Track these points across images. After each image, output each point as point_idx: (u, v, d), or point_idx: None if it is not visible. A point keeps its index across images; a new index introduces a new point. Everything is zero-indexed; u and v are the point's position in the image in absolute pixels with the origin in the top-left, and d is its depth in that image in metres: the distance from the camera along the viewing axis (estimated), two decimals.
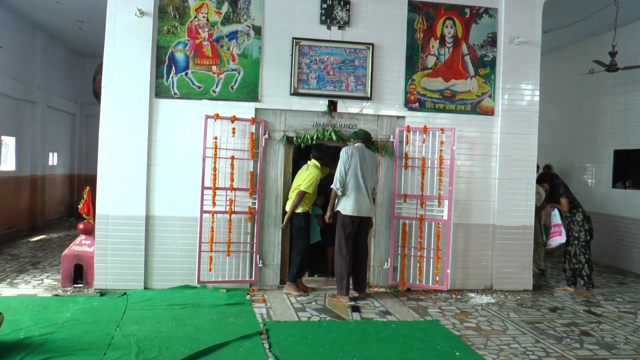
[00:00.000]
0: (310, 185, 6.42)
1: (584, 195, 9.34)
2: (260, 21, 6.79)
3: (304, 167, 6.66)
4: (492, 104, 7.30)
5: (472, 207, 7.24)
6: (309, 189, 6.42)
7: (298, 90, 6.81)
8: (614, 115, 9.70)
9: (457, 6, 7.23)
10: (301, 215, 6.54)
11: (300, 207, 6.51)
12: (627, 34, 9.00)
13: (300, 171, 6.67)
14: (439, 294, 6.89)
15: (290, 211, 6.50)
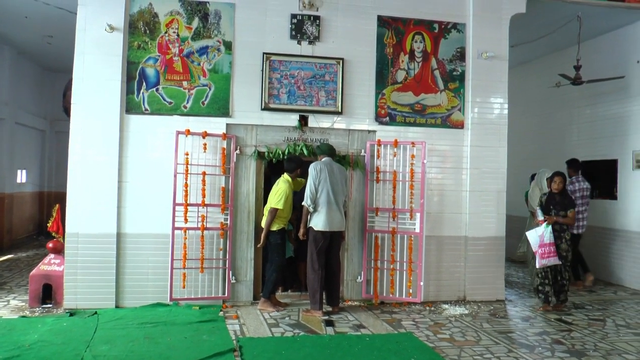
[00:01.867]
0: (280, 201, 6.42)
1: None
2: (231, 36, 6.83)
3: (276, 183, 6.67)
4: (462, 118, 7.43)
5: (444, 220, 7.33)
6: (279, 204, 6.42)
7: (269, 105, 6.85)
8: (581, 127, 9.96)
9: (425, 21, 7.37)
10: (277, 232, 6.54)
11: (275, 224, 6.51)
12: (591, 48, 9.27)
13: (273, 187, 6.67)
14: (413, 306, 6.95)
15: (265, 229, 6.49)
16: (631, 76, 8.67)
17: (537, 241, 6.77)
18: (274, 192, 6.53)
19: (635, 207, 8.47)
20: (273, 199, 6.47)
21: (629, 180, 8.73)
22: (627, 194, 8.70)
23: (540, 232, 6.77)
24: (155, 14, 6.65)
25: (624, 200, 8.75)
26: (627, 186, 8.75)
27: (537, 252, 6.77)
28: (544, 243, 6.72)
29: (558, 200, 6.87)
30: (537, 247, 6.77)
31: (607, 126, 9.28)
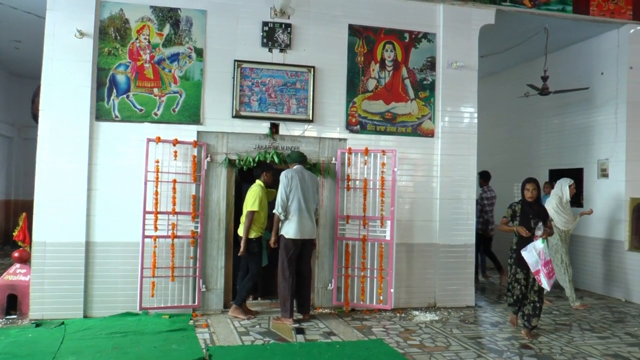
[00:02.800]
0: (255, 203, 6.44)
1: None
2: (202, 43, 6.84)
3: (249, 189, 6.68)
4: (432, 126, 7.55)
5: (414, 227, 7.43)
6: (254, 206, 6.43)
7: (240, 113, 6.87)
8: (549, 137, 10.21)
9: (396, 31, 7.49)
10: (254, 240, 6.55)
11: (252, 232, 6.51)
12: (558, 60, 9.53)
13: (247, 193, 6.69)
14: (383, 313, 7.01)
15: (244, 236, 6.48)
16: (596, 87, 8.94)
17: (537, 260, 5.84)
18: (248, 196, 6.55)
19: (600, 214, 8.69)
20: (248, 202, 6.49)
21: (594, 189, 8.97)
22: (593, 202, 8.92)
23: (539, 249, 5.85)
24: (126, 20, 6.64)
25: (590, 207, 8.96)
26: (593, 194, 8.98)
27: (541, 272, 5.85)
28: (547, 260, 5.85)
29: (536, 209, 6.12)
30: (539, 267, 5.84)
31: (574, 136, 9.54)
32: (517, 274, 6.19)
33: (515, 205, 6.17)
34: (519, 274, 6.17)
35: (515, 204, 6.19)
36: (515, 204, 6.18)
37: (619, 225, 8.47)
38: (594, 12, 8.22)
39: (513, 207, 6.18)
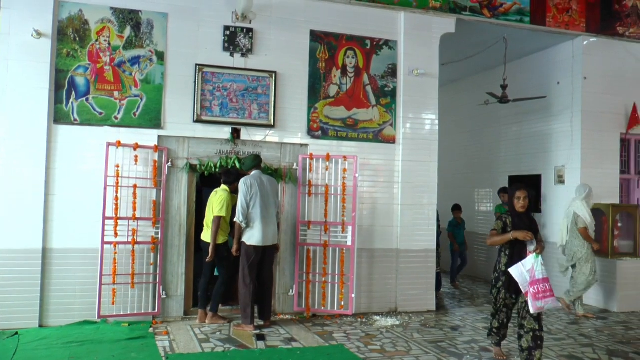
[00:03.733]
0: (222, 208, 6.69)
1: (484, 219, 10.27)
2: (163, 47, 7.06)
3: (213, 193, 6.93)
4: (394, 133, 7.97)
5: (375, 233, 7.82)
6: (222, 212, 6.69)
7: (201, 118, 7.12)
8: (508, 144, 10.84)
9: (358, 37, 7.87)
10: (222, 245, 6.80)
11: (220, 236, 6.76)
12: (516, 69, 10.13)
13: (210, 199, 6.93)
14: (345, 318, 7.34)
15: (212, 241, 6.70)
16: (552, 96, 9.56)
17: (525, 278, 5.22)
18: (215, 202, 6.78)
19: (558, 220, 9.29)
20: (216, 207, 6.72)
21: (551, 195, 9.57)
22: (551, 208, 9.53)
23: (529, 265, 5.23)
24: (85, 21, 6.80)
25: (548, 213, 9.57)
26: (550, 200, 9.58)
27: (529, 293, 5.19)
28: (537, 279, 5.20)
29: (527, 222, 5.52)
30: (526, 286, 5.21)
31: (532, 143, 10.16)
32: (507, 299, 5.57)
33: (506, 217, 5.58)
34: (509, 299, 5.57)
35: (505, 216, 5.60)
36: (506, 216, 5.59)
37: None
38: (550, 23, 8.85)
39: (504, 219, 5.57)
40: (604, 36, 9.23)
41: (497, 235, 5.52)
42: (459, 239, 10.40)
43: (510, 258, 5.48)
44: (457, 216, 10.50)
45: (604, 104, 9.15)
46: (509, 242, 5.49)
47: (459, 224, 10.46)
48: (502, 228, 5.55)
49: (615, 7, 9.35)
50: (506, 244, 5.52)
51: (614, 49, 9.28)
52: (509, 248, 5.53)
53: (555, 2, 8.90)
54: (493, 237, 5.57)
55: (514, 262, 5.36)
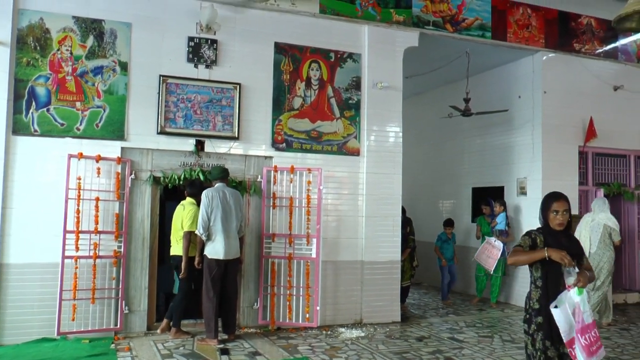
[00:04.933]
0: (193, 223, 6.96)
1: None
2: (127, 57, 7.30)
3: (180, 207, 7.21)
4: (358, 145, 8.42)
5: (340, 245, 8.21)
6: (192, 227, 6.96)
7: (165, 129, 7.38)
8: (471, 156, 11.50)
9: (322, 50, 8.29)
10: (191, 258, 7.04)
11: (191, 250, 7.00)
12: (479, 82, 10.74)
13: (177, 212, 7.20)
14: (310, 330, 7.69)
15: (185, 257, 6.95)
16: (514, 110, 10.23)
17: (570, 323, 3.96)
18: (184, 216, 7.04)
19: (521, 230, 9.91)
20: (186, 222, 6.99)
21: (514, 206, 10.18)
22: (514, 218, 10.12)
23: (574, 304, 3.95)
24: (46, 29, 6.99)
25: (512, 224, 10.17)
26: (513, 211, 10.16)
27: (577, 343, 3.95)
28: (586, 324, 3.96)
29: (565, 242, 4.24)
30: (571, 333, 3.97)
31: (495, 155, 10.80)
32: (548, 349, 4.19)
33: (536, 235, 4.26)
34: (550, 350, 4.18)
35: (536, 233, 4.29)
36: (537, 233, 4.28)
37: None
38: (511, 39, 9.52)
39: (533, 236, 4.26)
40: (561, 52, 9.98)
41: (523, 253, 4.19)
42: (447, 254, 10.42)
43: (544, 291, 4.19)
44: (447, 231, 10.51)
45: (563, 118, 9.87)
46: (539, 268, 4.24)
47: (448, 239, 10.49)
48: (529, 246, 4.23)
49: (572, 25, 10.13)
50: (536, 270, 4.28)
51: (571, 65, 10.04)
52: (541, 277, 4.23)
53: (516, 18, 9.59)
54: (517, 255, 4.19)
55: (551, 297, 4.08)
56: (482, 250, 9.40)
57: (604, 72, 10.38)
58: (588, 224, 8.80)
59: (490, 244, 9.32)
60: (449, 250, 10.46)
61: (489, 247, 9.31)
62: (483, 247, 9.43)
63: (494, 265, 9.21)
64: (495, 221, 9.77)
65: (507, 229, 9.72)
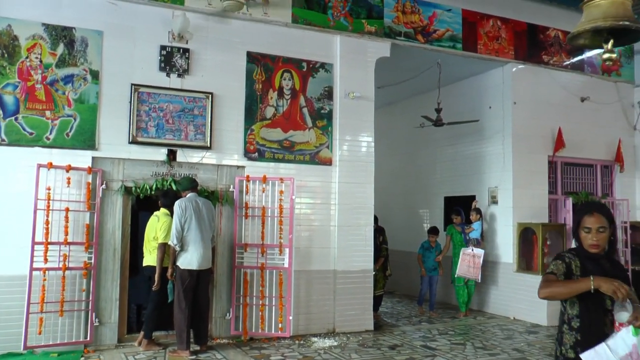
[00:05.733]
0: (167, 235, 7.00)
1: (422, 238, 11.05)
2: (98, 65, 7.34)
3: (154, 218, 7.25)
4: (330, 155, 8.57)
5: (313, 254, 8.34)
6: (167, 238, 7.00)
7: (137, 139, 7.43)
8: (443, 165, 11.79)
9: (294, 59, 8.45)
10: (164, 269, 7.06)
11: (164, 261, 7.04)
12: (450, 93, 11.06)
13: (150, 223, 7.24)
14: (282, 340, 7.78)
15: (159, 269, 6.98)
16: (485, 120, 10.55)
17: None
18: (158, 228, 7.08)
19: (491, 238, 10.21)
20: (160, 234, 7.03)
21: (485, 214, 10.43)
22: (487, 228, 10.41)
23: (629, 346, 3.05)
24: (15, 36, 7.01)
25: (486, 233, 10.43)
26: (485, 219, 10.44)
27: None
28: None
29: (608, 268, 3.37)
30: None
31: (466, 165, 11.10)
32: None
33: (570, 259, 3.39)
34: None
35: (570, 256, 3.41)
36: (571, 257, 3.41)
37: (507, 248, 9.99)
38: (481, 50, 9.83)
39: (567, 260, 3.38)
40: (531, 64, 10.34)
41: (560, 284, 3.25)
42: (429, 264, 10.26)
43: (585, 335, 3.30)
44: (431, 239, 10.36)
45: (533, 128, 10.20)
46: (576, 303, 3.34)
47: (431, 247, 10.34)
48: (564, 273, 3.33)
49: (540, 37, 10.50)
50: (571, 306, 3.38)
51: (540, 76, 10.39)
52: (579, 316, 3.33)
53: (486, 30, 9.91)
54: (551, 286, 3.25)
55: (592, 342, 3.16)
56: (461, 264, 9.65)
57: (571, 84, 10.79)
58: None
59: (468, 254, 9.56)
60: (431, 259, 10.30)
61: (467, 258, 9.57)
62: (462, 259, 9.67)
63: (479, 273, 9.49)
64: (471, 227, 9.95)
65: (481, 237, 9.92)
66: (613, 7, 4.48)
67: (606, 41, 4.63)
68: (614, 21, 4.43)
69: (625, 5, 4.51)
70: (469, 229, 9.99)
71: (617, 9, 4.47)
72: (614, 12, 4.46)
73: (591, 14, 4.59)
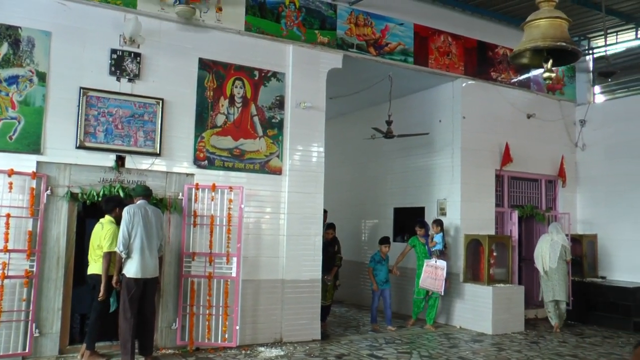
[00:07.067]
0: (112, 244, 6.94)
1: (371, 248, 11.27)
2: (45, 67, 7.26)
3: (98, 225, 7.18)
4: (280, 164, 8.71)
5: (261, 263, 8.45)
6: (112, 247, 6.93)
7: (85, 144, 7.39)
8: (394, 177, 12.12)
9: (246, 67, 8.56)
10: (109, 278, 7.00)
11: (110, 269, 6.96)
12: (401, 105, 11.39)
13: (95, 230, 7.18)
14: (229, 350, 7.85)
15: (104, 278, 6.89)
16: (435, 133, 10.90)
17: None
18: (102, 236, 7.01)
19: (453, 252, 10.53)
20: (105, 243, 6.95)
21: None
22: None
23: None
24: None
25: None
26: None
27: None
28: None
29: None
30: None
31: (416, 177, 11.44)
32: None
33: None
34: None
35: None
36: None
37: (455, 259, 10.32)
38: (432, 65, 10.18)
39: None
40: (480, 79, 10.79)
41: None
42: (381, 277, 10.06)
43: None
44: (383, 250, 10.14)
45: (481, 142, 10.62)
46: None
47: (382, 260, 10.13)
48: None
49: (489, 54, 10.96)
50: None
51: (489, 92, 10.85)
52: None
53: (437, 45, 10.27)
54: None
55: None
56: (425, 276, 9.85)
57: (518, 101, 11.31)
58: (548, 242, 10.35)
59: (432, 265, 9.80)
60: (383, 272, 10.10)
61: (430, 270, 9.78)
62: (425, 271, 9.88)
63: (442, 285, 9.71)
64: (434, 241, 10.08)
65: (444, 249, 10.16)
66: (551, 28, 4.81)
67: (546, 61, 4.93)
68: (552, 42, 4.75)
69: (562, 27, 4.85)
70: (432, 243, 10.07)
71: (555, 30, 4.80)
72: (552, 32, 4.79)
73: (531, 34, 4.92)
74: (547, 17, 4.86)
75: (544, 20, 4.85)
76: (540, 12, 4.97)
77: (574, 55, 5.05)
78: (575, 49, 4.85)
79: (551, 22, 4.82)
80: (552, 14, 4.88)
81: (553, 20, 4.82)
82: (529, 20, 4.98)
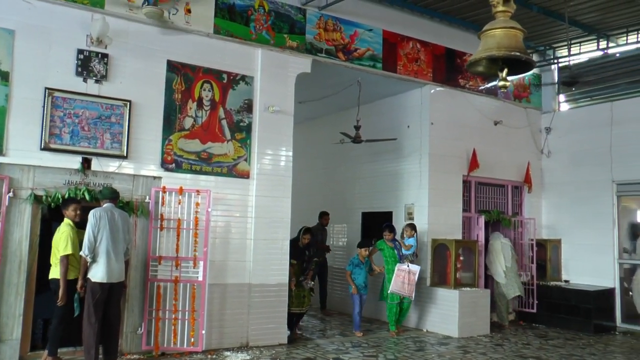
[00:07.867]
0: (67, 247, 6.84)
1: (341, 253, 11.33)
2: (8, 66, 7.15)
3: (58, 229, 7.05)
4: (248, 168, 8.74)
5: (228, 267, 8.46)
6: (67, 250, 6.84)
7: (49, 145, 7.30)
8: (362, 182, 12.25)
9: (215, 70, 8.58)
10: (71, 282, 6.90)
11: (70, 273, 6.88)
12: (370, 111, 11.54)
13: (56, 234, 7.04)
14: (194, 355, 7.85)
15: (63, 283, 6.79)
16: (403, 139, 11.06)
17: None
18: (58, 239, 6.92)
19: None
20: (60, 246, 6.86)
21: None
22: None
23: None
24: None
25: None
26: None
27: None
28: None
29: None
30: None
31: (384, 181, 11.57)
32: None
33: None
34: None
35: None
36: None
37: (422, 263, 10.35)
38: (401, 71, 10.33)
39: None
40: (448, 86, 10.99)
41: None
42: (360, 280, 9.91)
43: None
44: (362, 254, 10.01)
45: (449, 148, 10.80)
46: None
47: (361, 263, 9.99)
48: None
49: (457, 61, 11.17)
50: None
51: (457, 99, 11.06)
52: None
53: (406, 51, 10.42)
54: None
55: None
56: (396, 280, 9.83)
57: (485, 108, 11.53)
58: (499, 245, 11.00)
59: (404, 270, 9.83)
60: (362, 275, 9.94)
61: (402, 274, 9.81)
62: (397, 275, 9.83)
63: (413, 290, 9.77)
64: (408, 244, 10.12)
65: (415, 253, 10.24)
66: (506, 38, 4.95)
67: (501, 70, 5.05)
68: (507, 51, 4.88)
69: (517, 37, 4.99)
70: (407, 246, 10.07)
71: (509, 40, 4.94)
72: (507, 42, 4.93)
73: (487, 43, 5.05)
74: (503, 27, 4.99)
75: (500, 30, 4.98)
76: (496, 22, 5.08)
77: (528, 65, 5.17)
78: (529, 59, 5.00)
79: (506, 32, 4.95)
80: (508, 24, 5.00)
81: (508, 31, 4.95)
82: (485, 29, 5.10)
